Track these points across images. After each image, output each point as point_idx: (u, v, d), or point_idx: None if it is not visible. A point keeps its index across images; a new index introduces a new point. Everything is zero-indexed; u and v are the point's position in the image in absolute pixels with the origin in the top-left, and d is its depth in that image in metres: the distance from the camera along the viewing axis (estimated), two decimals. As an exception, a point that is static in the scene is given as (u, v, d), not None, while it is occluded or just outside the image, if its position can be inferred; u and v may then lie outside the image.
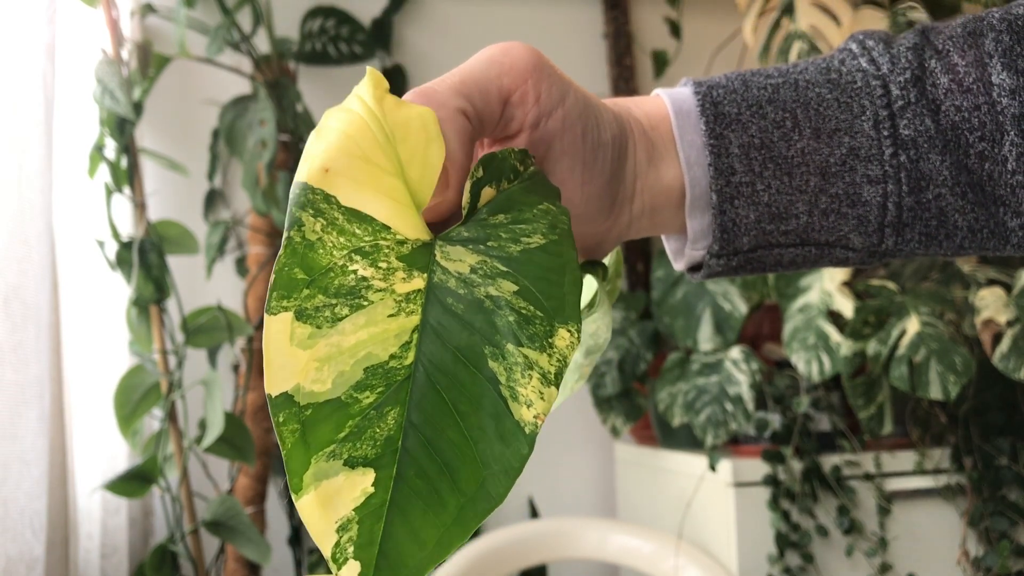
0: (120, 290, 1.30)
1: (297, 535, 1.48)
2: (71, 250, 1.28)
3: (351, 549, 0.27)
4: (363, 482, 0.27)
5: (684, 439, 1.43)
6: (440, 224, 0.35)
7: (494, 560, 1.33)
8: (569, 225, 0.33)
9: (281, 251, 0.29)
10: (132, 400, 1.22)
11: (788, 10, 1.41)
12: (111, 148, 1.27)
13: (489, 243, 0.31)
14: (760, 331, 1.47)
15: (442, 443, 0.28)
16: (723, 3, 1.71)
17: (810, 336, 1.28)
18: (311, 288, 0.29)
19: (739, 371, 1.30)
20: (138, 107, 1.23)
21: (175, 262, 1.34)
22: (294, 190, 0.30)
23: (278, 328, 0.28)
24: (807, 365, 1.27)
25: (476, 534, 1.50)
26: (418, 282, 0.29)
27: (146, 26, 1.47)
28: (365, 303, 0.29)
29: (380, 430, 0.28)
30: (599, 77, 1.77)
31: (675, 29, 1.73)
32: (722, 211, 0.41)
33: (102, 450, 1.29)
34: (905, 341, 1.21)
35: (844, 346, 1.25)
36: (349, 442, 0.28)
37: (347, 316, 0.28)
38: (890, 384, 1.25)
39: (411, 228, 0.30)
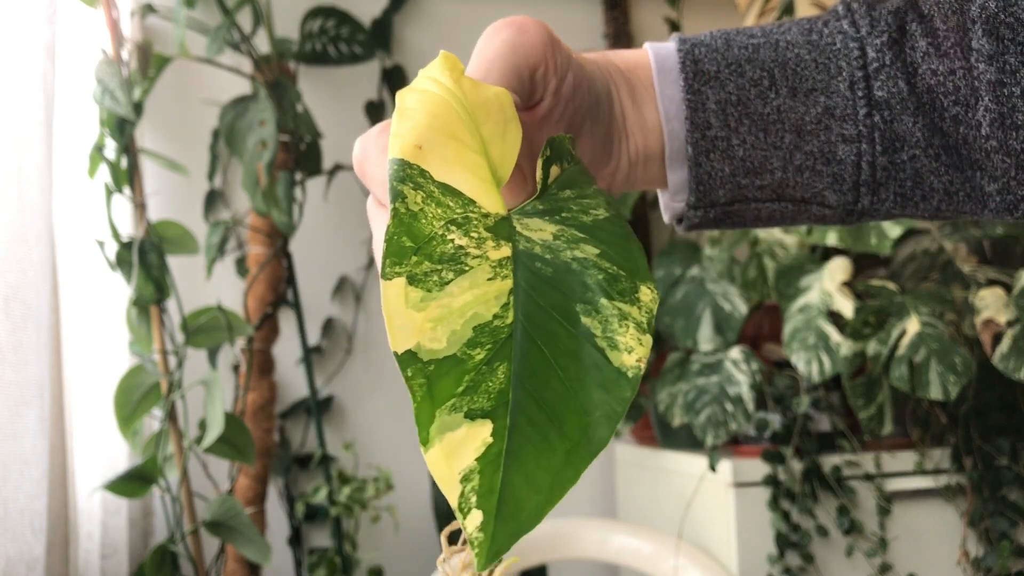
0: (120, 290, 1.30)
1: (297, 535, 1.48)
2: (71, 250, 1.28)
3: (474, 499, 0.29)
4: (482, 433, 0.29)
5: (684, 439, 1.43)
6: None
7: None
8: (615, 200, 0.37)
9: (389, 221, 0.31)
10: (132, 400, 1.22)
11: (788, 10, 1.41)
12: (111, 148, 1.27)
13: (563, 214, 0.34)
14: (760, 331, 1.47)
15: (547, 394, 0.30)
16: (723, 3, 1.71)
17: (810, 336, 1.28)
18: (418, 255, 0.31)
19: (739, 371, 1.30)
20: (138, 107, 1.23)
21: (175, 262, 1.34)
22: (391, 166, 0.32)
23: (395, 292, 0.30)
24: (807, 365, 1.27)
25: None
26: (506, 250, 0.32)
27: (146, 26, 1.47)
28: (466, 268, 0.31)
29: (492, 384, 0.30)
30: (599, 77, 1.78)
31: (675, 29, 1.73)
32: (697, 163, 0.43)
33: (102, 450, 1.29)
34: (905, 341, 1.21)
35: (844, 346, 1.25)
36: (467, 395, 0.29)
37: (452, 280, 0.31)
38: (890, 384, 1.25)
39: (492, 203, 0.33)
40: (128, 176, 1.27)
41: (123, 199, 1.30)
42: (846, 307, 1.27)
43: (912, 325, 1.22)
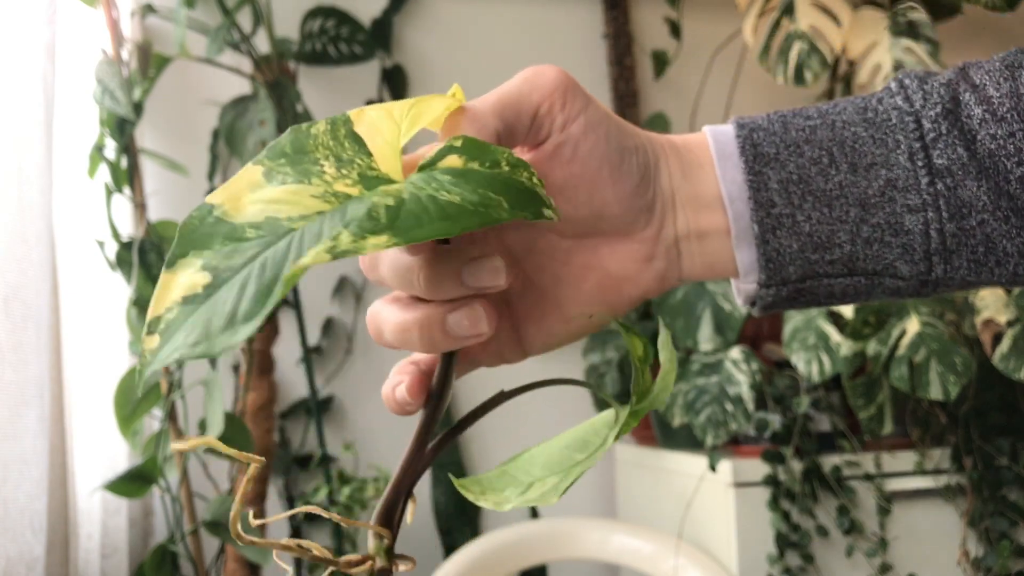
0: (120, 290, 1.30)
1: (297, 535, 1.48)
2: (71, 250, 1.28)
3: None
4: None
5: (684, 439, 1.43)
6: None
7: (494, 560, 1.33)
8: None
9: (288, 131, 0.37)
10: (132, 400, 1.22)
11: (788, 10, 1.41)
12: (111, 148, 1.27)
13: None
14: (760, 331, 1.47)
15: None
16: (723, 3, 1.71)
17: (810, 336, 1.28)
18: (285, 159, 0.36)
19: (739, 371, 1.30)
20: (138, 107, 1.23)
21: (175, 262, 1.34)
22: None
23: (248, 172, 0.36)
24: (807, 365, 1.27)
25: (475, 534, 1.50)
26: (354, 190, 0.35)
27: (146, 26, 1.47)
28: (304, 181, 0.35)
29: (235, 260, 0.34)
30: (599, 77, 1.77)
31: (675, 29, 1.73)
32: (765, 241, 0.43)
33: (102, 450, 1.29)
34: (905, 341, 1.21)
35: (844, 346, 1.25)
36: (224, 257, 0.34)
37: (286, 184, 0.35)
38: (890, 384, 1.25)
39: (389, 167, 0.37)
40: (128, 176, 1.27)
41: (123, 199, 1.30)
42: (846, 307, 1.27)
43: (912, 325, 1.22)
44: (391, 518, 0.37)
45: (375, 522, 0.37)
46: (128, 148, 1.28)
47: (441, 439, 0.39)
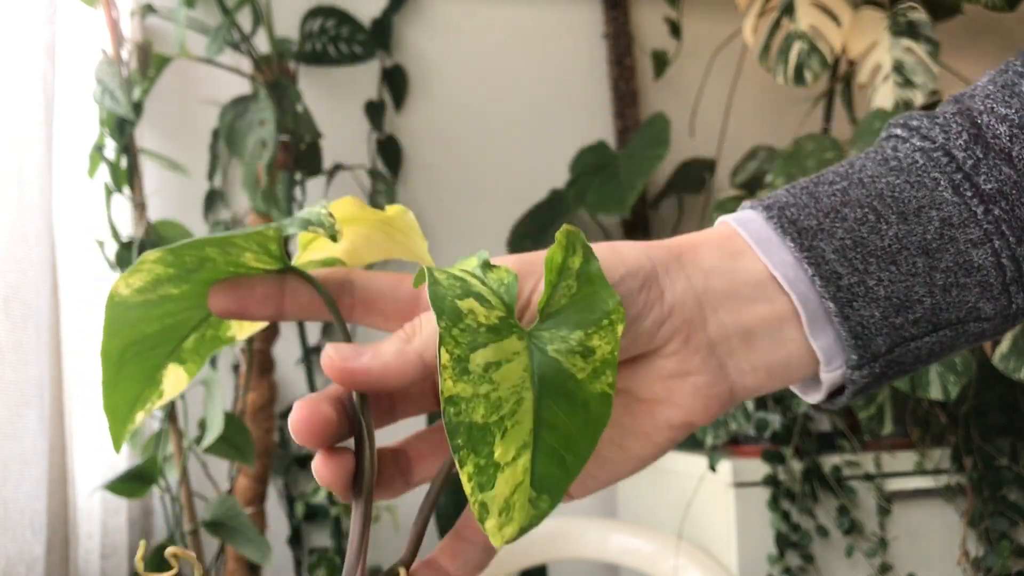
0: (120, 290, 1.30)
1: (297, 535, 1.49)
2: (71, 250, 1.28)
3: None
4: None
5: (684, 439, 1.43)
6: None
7: (494, 560, 1.33)
8: None
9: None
10: (132, 400, 1.22)
11: (788, 10, 1.41)
12: (111, 148, 1.27)
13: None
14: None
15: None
16: (723, 3, 1.70)
17: (810, 336, 1.28)
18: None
19: (739, 371, 1.30)
20: (138, 107, 1.23)
21: (175, 262, 1.34)
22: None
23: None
24: (807, 365, 1.26)
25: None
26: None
27: (146, 26, 1.47)
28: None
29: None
30: (599, 77, 1.78)
31: (675, 29, 1.73)
32: (845, 317, 0.39)
33: (102, 450, 1.29)
34: (905, 341, 1.21)
35: (844, 346, 1.25)
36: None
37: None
38: (890, 384, 1.25)
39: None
40: (128, 176, 1.27)
41: (123, 199, 1.30)
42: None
43: (912, 325, 1.22)
44: None
45: None
46: (128, 148, 1.28)
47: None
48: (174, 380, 0.41)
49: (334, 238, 0.37)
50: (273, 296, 0.38)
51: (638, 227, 1.72)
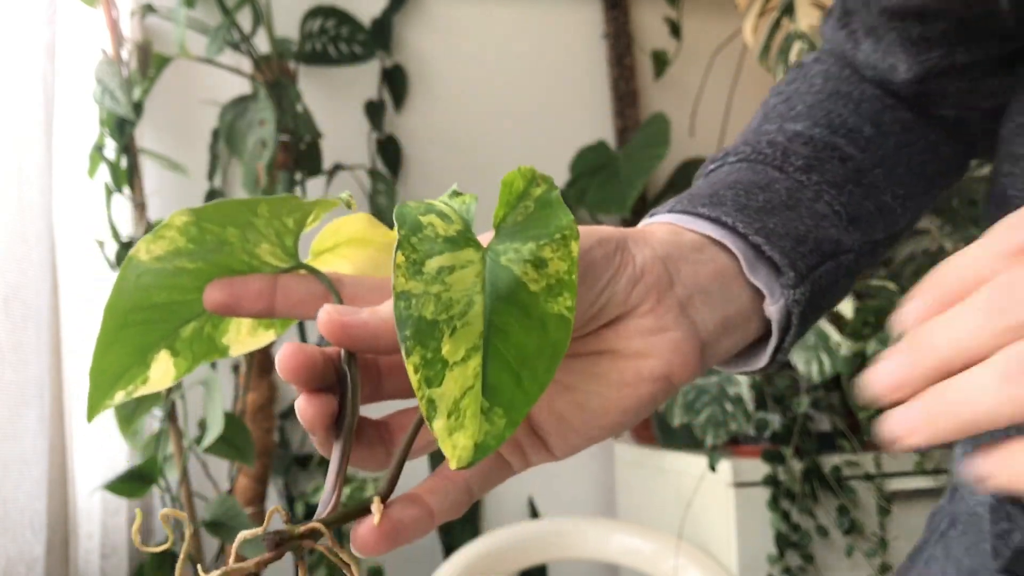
0: (120, 290, 1.30)
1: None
2: (71, 250, 1.28)
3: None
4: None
5: (684, 439, 1.43)
6: None
7: (494, 560, 1.34)
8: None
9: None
10: (132, 400, 1.22)
11: (788, 10, 1.41)
12: (111, 148, 1.27)
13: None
14: (760, 331, 1.47)
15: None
16: (723, 3, 1.71)
17: (810, 336, 1.28)
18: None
19: (739, 371, 1.30)
20: (138, 107, 1.23)
21: (175, 262, 1.34)
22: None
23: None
24: (807, 365, 1.27)
25: (475, 534, 1.50)
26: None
27: (146, 26, 1.47)
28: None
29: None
30: (599, 77, 1.78)
31: (675, 29, 1.73)
32: (772, 246, 0.44)
33: (102, 450, 1.29)
34: (905, 341, 1.21)
35: (844, 346, 1.25)
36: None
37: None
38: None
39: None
40: (128, 176, 1.27)
41: (123, 199, 1.30)
42: (846, 307, 1.27)
43: (912, 325, 1.22)
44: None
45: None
46: (128, 148, 1.28)
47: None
48: (162, 369, 0.41)
49: (349, 205, 0.40)
50: (266, 292, 0.39)
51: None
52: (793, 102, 0.57)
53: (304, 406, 0.36)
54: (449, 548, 1.50)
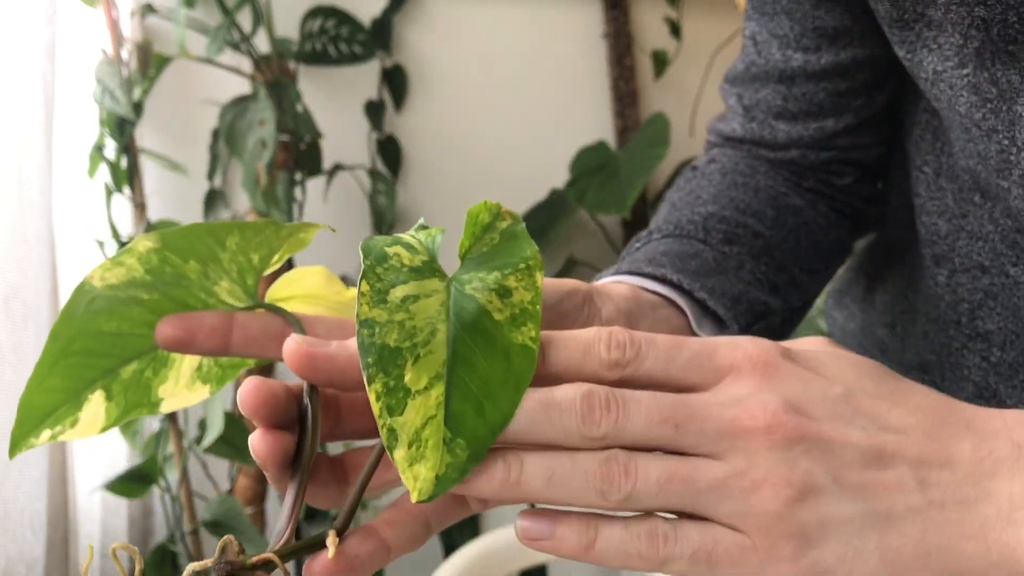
0: (120, 290, 1.30)
1: (297, 535, 1.48)
2: (71, 250, 1.28)
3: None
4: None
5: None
6: None
7: (494, 560, 1.34)
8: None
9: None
10: (132, 400, 1.22)
11: (788, 10, 1.41)
12: (111, 148, 1.27)
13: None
14: (760, 331, 1.47)
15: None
16: (723, 3, 1.71)
17: (810, 336, 1.28)
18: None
19: (739, 371, 1.30)
20: (138, 107, 1.24)
21: (175, 262, 1.34)
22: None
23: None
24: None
25: (475, 534, 1.50)
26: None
27: (146, 26, 1.47)
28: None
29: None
30: (599, 77, 1.78)
31: (675, 29, 1.73)
32: (716, 300, 0.50)
33: (102, 450, 1.29)
34: (905, 341, 1.22)
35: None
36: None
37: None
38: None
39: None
40: (128, 176, 1.27)
41: (123, 199, 1.30)
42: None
43: (912, 325, 1.23)
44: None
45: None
46: (128, 148, 1.28)
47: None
48: (93, 413, 0.39)
49: (333, 231, 0.43)
50: (222, 328, 0.38)
51: (638, 227, 1.72)
52: (697, 193, 0.61)
53: (258, 443, 0.35)
54: (449, 548, 1.50)
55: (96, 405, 0.39)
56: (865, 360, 0.37)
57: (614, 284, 0.48)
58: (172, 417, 1.25)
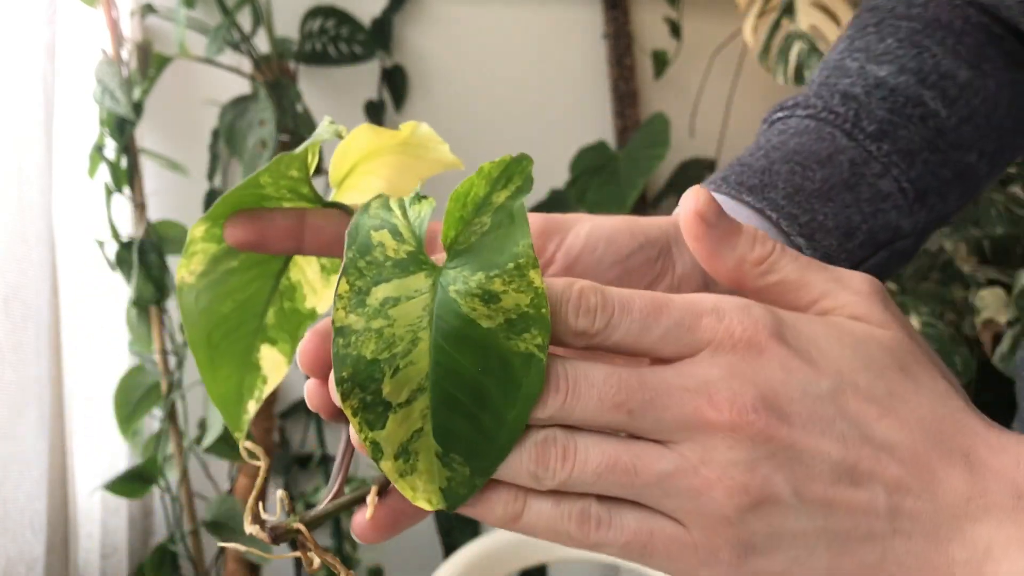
0: (120, 290, 1.30)
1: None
2: (71, 250, 1.28)
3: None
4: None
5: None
6: None
7: (494, 560, 1.34)
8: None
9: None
10: (132, 400, 1.22)
11: (788, 10, 1.41)
12: (111, 148, 1.27)
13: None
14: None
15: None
16: (723, 3, 1.71)
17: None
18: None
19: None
20: (138, 107, 1.23)
21: (175, 262, 1.34)
22: None
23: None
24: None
25: (475, 534, 1.50)
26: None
27: (146, 26, 1.47)
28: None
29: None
30: (599, 77, 1.78)
31: (675, 29, 1.73)
32: (813, 248, 0.44)
33: (102, 450, 1.29)
34: (905, 341, 1.21)
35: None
36: None
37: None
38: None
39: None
40: (128, 176, 1.27)
41: (123, 199, 1.30)
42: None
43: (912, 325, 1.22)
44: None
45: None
46: (128, 148, 1.28)
47: None
48: (272, 363, 0.40)
49: (340, 136, 0.39)
50: (293, 229, 0.38)
51: (638, 227, 1.72)
52: (884, 31, 0.51)
53: (313, 393, 0.35)
54: (449, 548, 1.50)
55: (269, 355, 0.40)
56: (875, 340, 0.32)
57: None
58: (172, 417, 1.25)
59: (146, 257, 1.24)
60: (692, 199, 0.33)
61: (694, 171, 1.70)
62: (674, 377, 0.31)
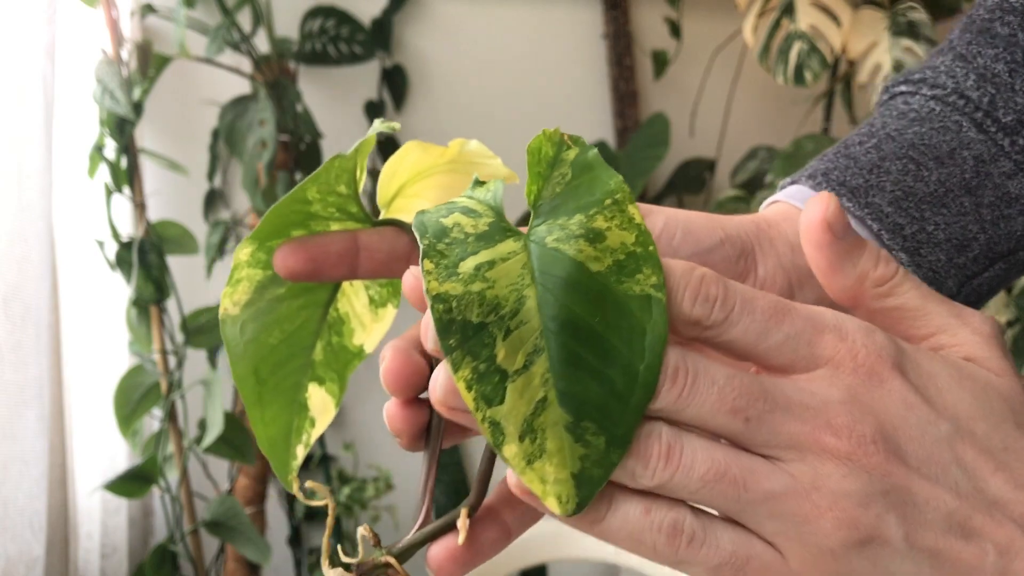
0: (120, 290, 1.30)
1: (297, 535, 1.49)
2: (71, 250, 1.28)
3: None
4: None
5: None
6: None
7: (494, 560, 1.33)
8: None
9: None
10: (132, 400, 1.22)
11: (788, 10, 1.41)
12: (111, 148, 1.27)
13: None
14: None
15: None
16: (723, 3, 1.71)
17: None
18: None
19: (739, 371, 1.30)
20: (138, 107, 1.24)
21: (175, 262, 1.34)
22: None
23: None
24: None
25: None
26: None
27: (146, 26, 1.47)
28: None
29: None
30: (599, 77, 1.78)
31: (675, 29, 1.73)
32: (917, 265, 0.40)
33: (102, 450, 1.29)
34: (905, 341, 1.21)
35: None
36: None
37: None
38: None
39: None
40: (128, 176, 1.27)
41: (123, 199, 1.30)
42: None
43: (912, 325, 1.22)
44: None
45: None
46: (128, 148, 1.28)
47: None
48: (320, 404, 0.37)
49: (393, 128, 0.36)
50: (347, 254, 0.35)
51: (638, 227, 1.72)
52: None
53: (397, 417, 0.33)
54: (449, 548, 1.50)
55: (317, 395, 0.37)
56: (994, 388, 0.30)
57: (790, 223, 0.38)
58: (172, 417, 1.25)
59: (146, 257, 1.24)
60: (821, 206, 0.31)
61: (694, 171, 1.70)
62: (794, 392, 0.28)
